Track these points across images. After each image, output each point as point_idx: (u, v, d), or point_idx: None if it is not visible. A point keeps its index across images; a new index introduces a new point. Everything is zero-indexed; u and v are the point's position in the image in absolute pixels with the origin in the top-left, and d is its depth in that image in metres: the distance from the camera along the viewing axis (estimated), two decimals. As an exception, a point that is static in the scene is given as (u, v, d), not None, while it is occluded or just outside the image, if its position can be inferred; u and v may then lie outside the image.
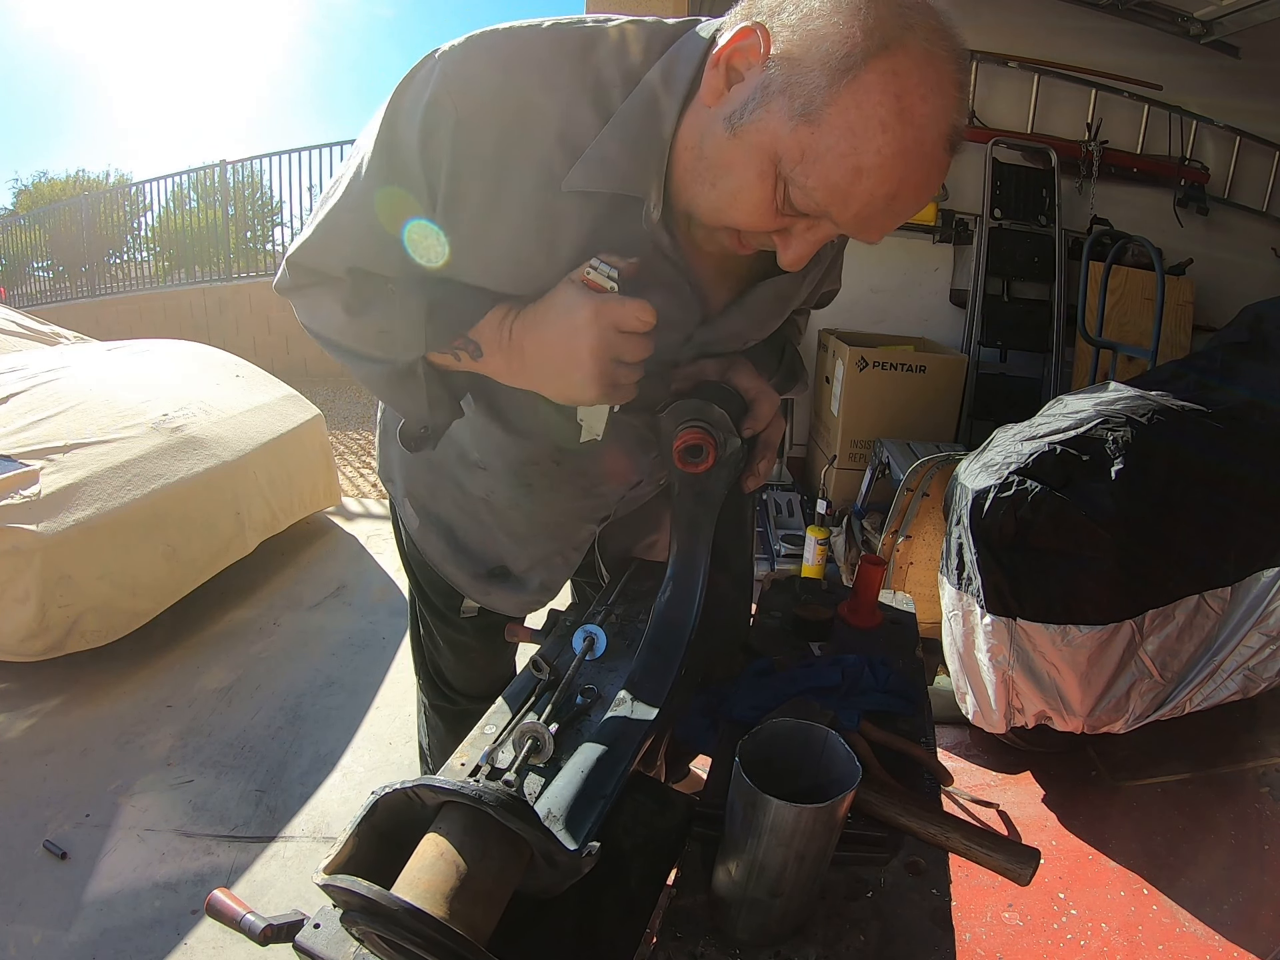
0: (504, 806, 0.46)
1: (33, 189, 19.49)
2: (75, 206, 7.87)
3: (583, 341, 0.64)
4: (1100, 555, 1.53)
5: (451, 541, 1.00)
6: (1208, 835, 1.72)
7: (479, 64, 0.61)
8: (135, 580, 2.16)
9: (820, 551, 1.89)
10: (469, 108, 0.61)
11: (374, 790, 0.50)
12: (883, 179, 0.55)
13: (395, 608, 2.65)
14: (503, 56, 0.61)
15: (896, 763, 0.71)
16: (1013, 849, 0.58)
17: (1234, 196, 3.67)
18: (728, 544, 0.78)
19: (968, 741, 1.98)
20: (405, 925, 0.42)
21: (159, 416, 2.45)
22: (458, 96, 0.60)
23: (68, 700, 2.08)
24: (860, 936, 0.56)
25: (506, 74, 0.61)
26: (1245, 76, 3.43)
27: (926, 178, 0.57)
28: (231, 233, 6.80)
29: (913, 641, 0.94)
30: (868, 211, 0.57)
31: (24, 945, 1.41)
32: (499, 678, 1.17)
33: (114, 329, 5.74)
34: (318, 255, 0.71)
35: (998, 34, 3.36)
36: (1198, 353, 2.19)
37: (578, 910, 0.57)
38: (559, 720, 0.69)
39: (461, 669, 1.16)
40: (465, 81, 0.60)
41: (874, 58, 0.52)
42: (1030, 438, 1.66)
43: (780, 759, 0.53)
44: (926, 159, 0.55)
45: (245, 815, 1.73)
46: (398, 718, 2.08)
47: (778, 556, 2.82)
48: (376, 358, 0.73)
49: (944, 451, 2.26)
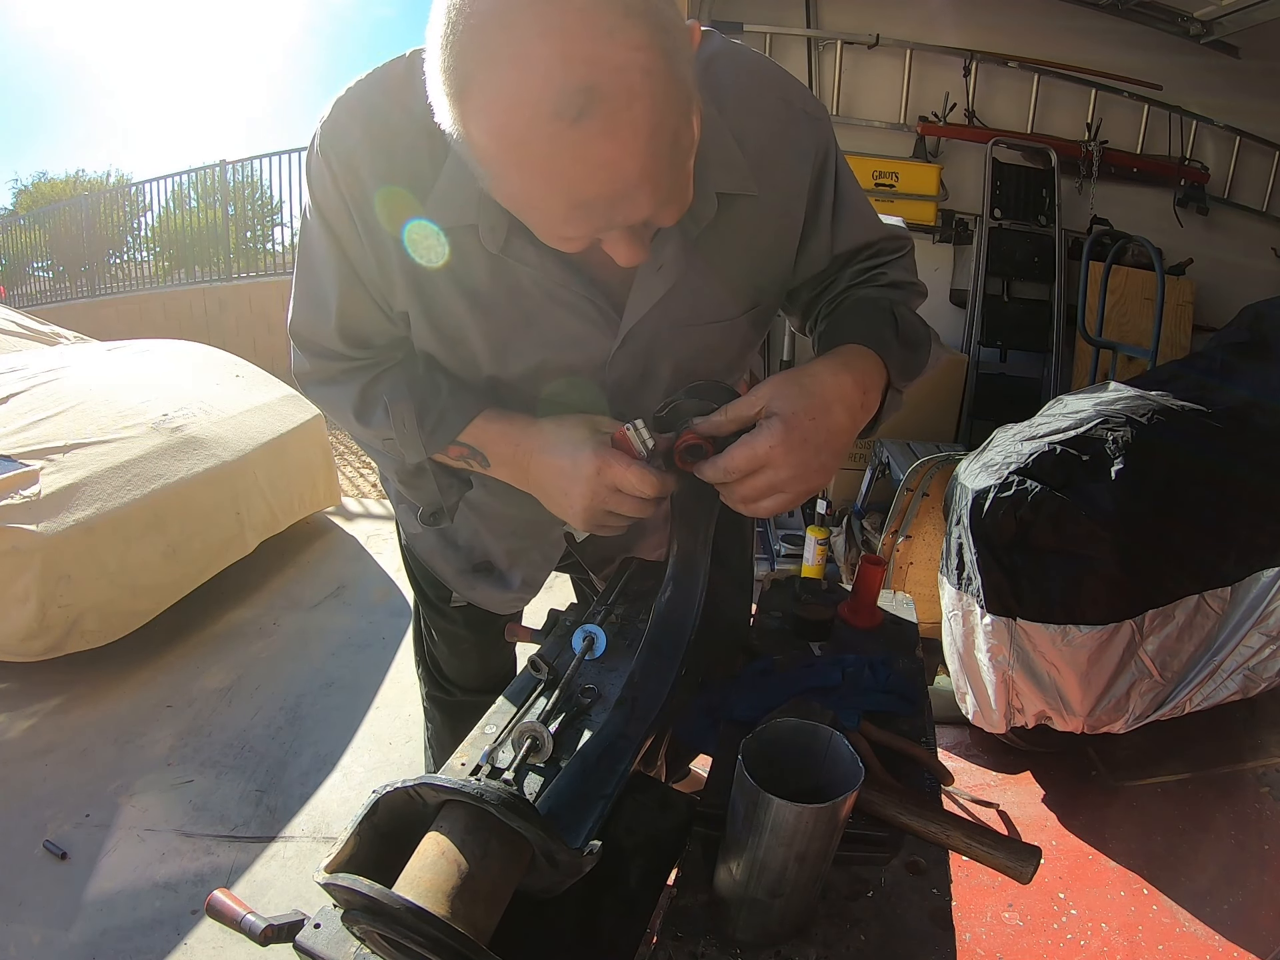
0: (506, 805, 0.46)
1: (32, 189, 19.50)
2: (75, 206, 7.87)
3: (580, 489, 0.69)
4: (1100, 555, 1.53)
5: (442, 535, 1.02)
6: (1208, 835, 1.72)
7: (343, 119, 0.65)
8: (135, 580, 2.16)
9: (820, 551, 1.90)
10: (339, 164, 0.65)
11: (375, 789, 0.50)
12: (547, 183, 0.51)
13: (395, 608, 2.65)
14: (360, 115, 0.64)
15: (896, 762, 0.71)
16: (1013, 847, 0.58)
17: (1234, 196, 3.67)
18: (727, 544, 0.78)
19: (968, 741, 1.98)
20: (407, 924, 0.42)
21: (159, 416, 2.45)
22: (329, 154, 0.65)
23: (68, 700, 2.08)
24: (860, 936, 0.56)
25: (364, 128, 0.63)
26: (1245, 76, 3.43)
27: (602, 150, 0.49)
28: (231, 233, 6.79)
29: (913, 641, 0.94)
30: (584, 212, 0.53)
31: (24, 945, 1.41)
32: (495, 671, 1.19)
33: (114, 329, 5.73)
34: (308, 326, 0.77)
35: (998, 34, 3.37)
36: (1198, 353, 2.19)
37: (578, 910, 0.57)
38: (559, 720, 0.69)
39: (455, 660, 1.17)
40: (333, 139, 0.65)
41: (463, 97, 0.49)
42: (1030, 438, 1.66)
43: (783, 759, 0.53)
44: (577, 139, 0.48)
45: (245, 815, 1.73)
46: (398, 718, 2.08)
47: (778, 556, 2.82)
48: (390, 455, 0.80)
49: (944, 451, 2.25)
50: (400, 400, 0.73)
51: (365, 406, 0.77)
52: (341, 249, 0.69)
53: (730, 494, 0.66)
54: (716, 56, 0.71)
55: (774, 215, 0.74)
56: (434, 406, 0.73)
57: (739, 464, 0.63)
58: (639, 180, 0.52)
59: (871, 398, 0.69)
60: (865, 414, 0.69)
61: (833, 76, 3.43)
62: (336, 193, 0.66)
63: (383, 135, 0.62)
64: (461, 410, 0.74)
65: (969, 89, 3.39)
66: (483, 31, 0.47)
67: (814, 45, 3.40)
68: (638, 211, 0.54)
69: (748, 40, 3.37)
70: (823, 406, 0.64)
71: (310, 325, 0.76)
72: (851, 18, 3.39)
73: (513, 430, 0.74)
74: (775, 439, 0.62)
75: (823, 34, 3.39)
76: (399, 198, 0.65)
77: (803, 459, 0.63)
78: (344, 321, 0.74)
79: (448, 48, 0.48)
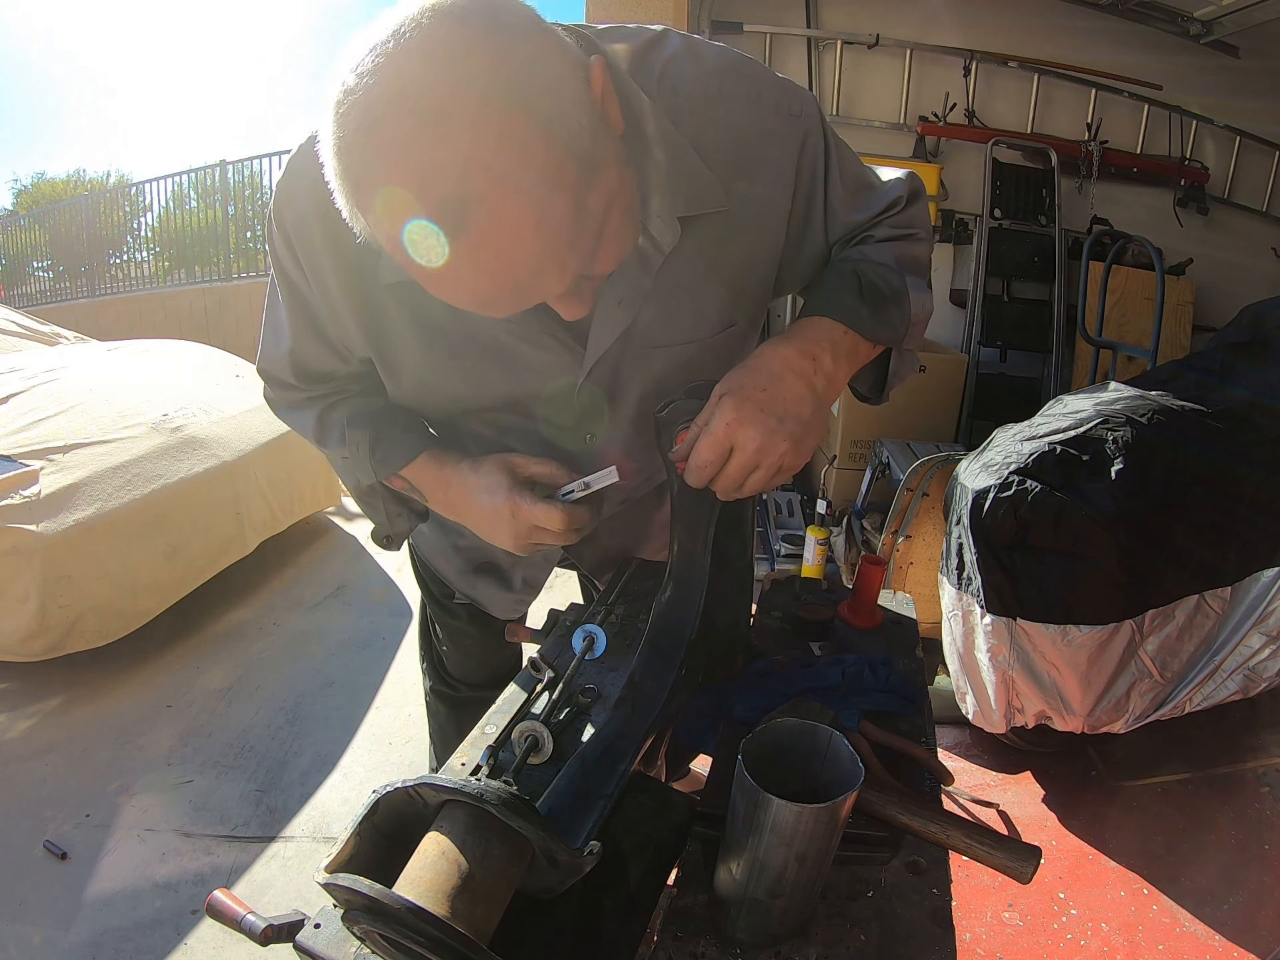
0: (506, 805, 0.46)
1: (32, 189, 19.47)
2: (75, 206, 7.87)
3: (503, 528, 0.76)
4: (1100, 555, 1.53)
5: (445, 536, 1.02)
6: (1208, 835, 1.72)
7: (293, 185, 0.66)
8: (135, 580, 2.16)
9: (820, 551, 1.90)
10: (293, 230, 0.67)
11: (375, 789, 0.50)
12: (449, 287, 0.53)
13: (395, 608, 2.65)
14: (309, 179, 0.62)
15: (896, 762, 0.71)
16: (1014, 847, 0.58)
17: (1234, 196, 3.67)
18: (727, 544, 0.78)
19: (968, 741, 1.98)
20: (407, 924, 0.42)
21: (159, 416, 2.45)
22: (283, 220, 0.67)
23: (68, 700, 2.08)
24: (860, 936, 0.56)
25: (314, 194, 0.62)
26: (1245, 76, 3.43)
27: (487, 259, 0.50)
28: (231, 233, 6.78)
29: (913, 641, 0.94)
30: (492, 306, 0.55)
31: (24, 945, 1.41)
32: (499, 667, 1.19)
33: (114, 329, 5.73)
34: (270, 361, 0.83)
35: (998, 34, 3.37)
36: (1198, 353, 2.19)
37: (578, 910, 0.57)
38: (559, 720, 0.69)
39: (458, 655, 1.18)
40: (286, 205, 0.67)
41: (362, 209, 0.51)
42: (1030, 438, 1.66)
43: (783, 759, 0.53)
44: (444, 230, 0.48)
45: (245, 815, 1.73)
46: (398, 718, 2.08)
47: (778, 556, 2.82)
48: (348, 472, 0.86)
49: (944, 451, 2.26)
50: (359, 427, 0.80)
51: (322, 431, 0.84)
52: (297, 300, 0.74)
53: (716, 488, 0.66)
54: (671, 62, 0.67)
55: (750, 228, 0.71)
56: (385, 438, 0.79)
57: (706, 455, 0.63)
58: (536, 270, 0.52)
59: (827, 363, 0.67)
60: (826, 380, 0.67)
61: (833, 76, 3.43)
62: (290, 255, 0.69)
63: (331, 202, 0.58)
64: (406, 448, 0.80)
65: (969, 89, 3.39)
66: (365, 147, 0.47)
67: (814, 45, 3.40)
68: (551, 290, 0.55)
69: (748, 40, 3.37)
70: (771, 377, 0.64)
71: (271, 361, 0.83)
72: (851, 18, 3.39)
73: (443, 474, 0.80)
74: (728, 415, 0.62)
75: (823, 34, 3.39)
76: (350, 263, 0.67)
77: (765, 428, 0.62)
78: (296, 361, 0.79)
79: (339, 155, 0.49)
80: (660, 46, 0.68)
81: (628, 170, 0.57)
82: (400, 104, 0.45)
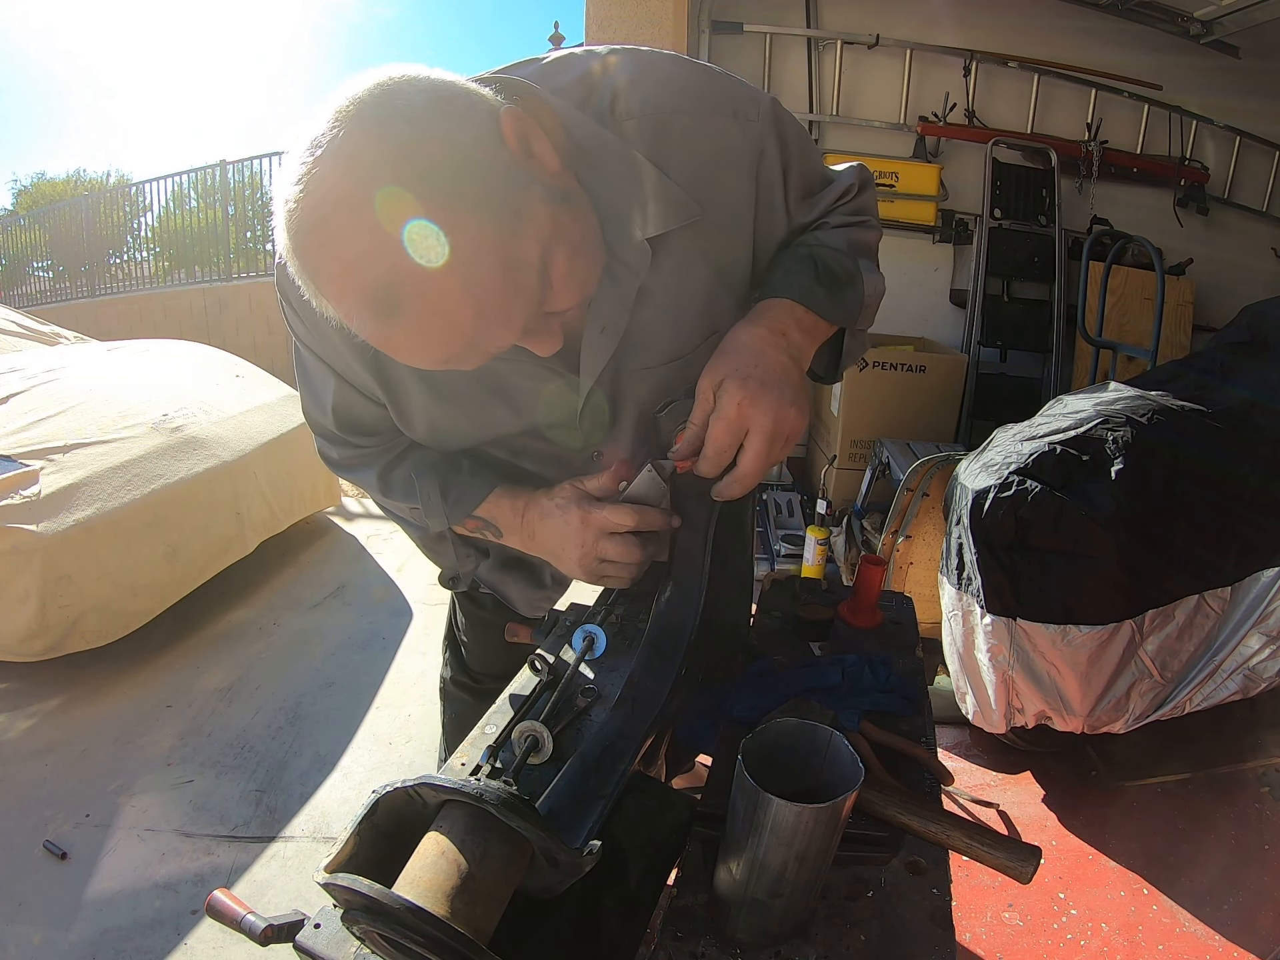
0: (506, 805, 0.46)
1: (32, 189, 19.46)
2: (75, 206, 7.86)
3: (572, 542, 0.77)
4: (1100, 555, 1.53)
5: None
6: (1208, 835, 1.72)
7: None
8: (135, 580, 2.16)
9: (820, 551, 1.90)
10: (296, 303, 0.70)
11: (375, 789, 0.50)
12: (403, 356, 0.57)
13: (395, 608, 2.65)
14: None
15: (896, 762, 0.71)
16: (1014, 847, 0.58)
17: (1234, 196, 3.67)
18: (727, 544, 0.78)
19: (968, 741, 1.98)
20: (407, 924, 0.42)
21: (159, 416, 2.45)
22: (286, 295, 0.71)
23: (68, 700, 2.08)
24: (860, 936, 0.56)
25: None
26: (1245, 76, 3.43)
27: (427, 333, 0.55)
28: (231, 233, 6.78)
29: (913, 641, 0.94)
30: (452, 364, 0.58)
31: (24, 945, 1.41)
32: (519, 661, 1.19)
33: (114, 329, 5.73)
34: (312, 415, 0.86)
35: (998, 34, 3.37)
36: (1198, 353, 2.18)
37: (578, 910, 0.57)
38: (559, 720, 0.69)
39: (479, 647, 1.19)
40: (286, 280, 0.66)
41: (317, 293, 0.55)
42: (1030, 438, 1.66)
43: (783, 759, 0.53)
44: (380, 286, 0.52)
45: (245, 815, 1.73)
46: (398, 718, 2.08)
47: (778, 556, 2.82)
48: (415, 524, 0.90)
49: (944, 451, 2.26)
50: (426, 477, 0.83)
51: (387, 486, 0.88)
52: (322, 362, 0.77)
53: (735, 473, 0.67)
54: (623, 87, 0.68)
55: (721, 236, 0.73)
56: (455, 483, 0.83)
57: (724, 440, 0.64)
58: (481, 332, 0.56)
59: (795, 338, 0.69)
60: (797, 351, 0.69)
61: (833, 76, 3.43)
62: (301, 324, 0.74)
63: None
64: (478, 487, 0.83)
65: (969, 89, 3.39)
66: (307, 248, 0.52)
67: (814, 45, 3.40)
68: (504, 340, 0.58)
69: (747, 40, 3.37)
70: (756, 353, 0.66)
71: (313, 414, 0.86)
72: (851, 18, 3.39)
73: (518, 504, 0.83)
74: (737, 396, 0.63)
75: (823, 34, 3.39)
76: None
77: (771, 401, 0.64)
78: (340, 417, 0.82)
79: (291, 255, 0.53)
80: (610, 72, 0.69)
81: (568, 207, 0.60)
82: (324, 208, 0.50)
